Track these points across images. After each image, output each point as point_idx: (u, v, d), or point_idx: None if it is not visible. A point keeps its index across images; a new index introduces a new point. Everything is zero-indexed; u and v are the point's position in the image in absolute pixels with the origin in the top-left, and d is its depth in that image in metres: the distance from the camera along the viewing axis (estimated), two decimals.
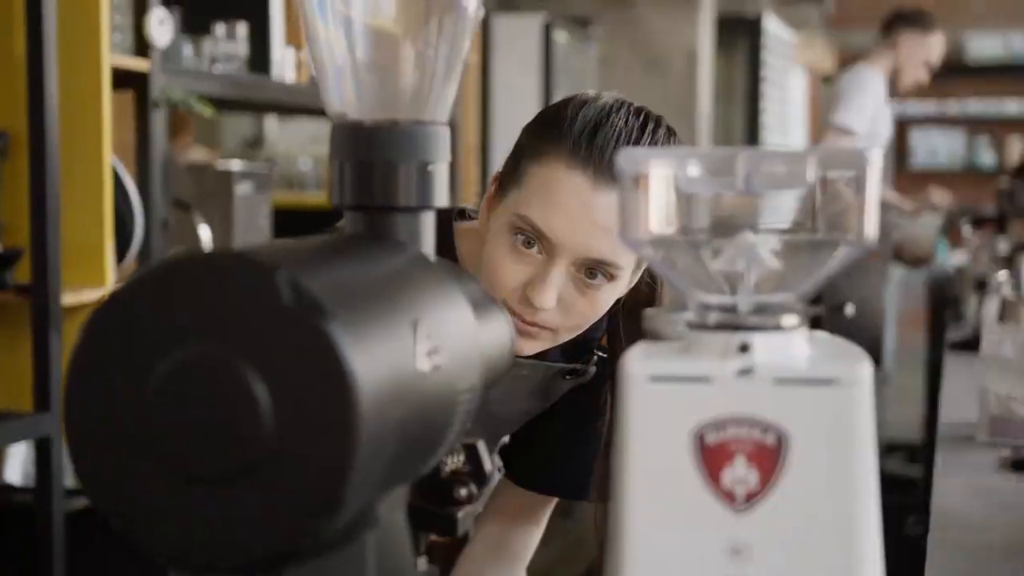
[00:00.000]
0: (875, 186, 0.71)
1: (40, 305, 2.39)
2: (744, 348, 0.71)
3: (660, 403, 0.70)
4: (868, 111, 4.56)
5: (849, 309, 3.15)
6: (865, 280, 4.53)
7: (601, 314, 1.34)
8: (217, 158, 4.07)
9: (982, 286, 3.24)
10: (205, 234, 2.93)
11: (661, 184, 0.73)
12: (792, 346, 0.72)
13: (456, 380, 0.75)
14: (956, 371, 2.67)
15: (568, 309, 1.31)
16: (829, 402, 0.69)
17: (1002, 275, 3.16)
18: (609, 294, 1.32)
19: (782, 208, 0.77)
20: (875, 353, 4.62)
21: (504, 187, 1.34)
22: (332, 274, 0.68)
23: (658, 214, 0.74)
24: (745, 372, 0.70)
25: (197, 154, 4.08)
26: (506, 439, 1.59)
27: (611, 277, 1.30)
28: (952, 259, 9.03)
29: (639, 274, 1.38)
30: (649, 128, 1.31)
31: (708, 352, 0.72)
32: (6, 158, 2.49)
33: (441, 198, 0.85)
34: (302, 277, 0.64)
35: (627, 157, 0.73)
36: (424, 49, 0.86)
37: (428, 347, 0.72)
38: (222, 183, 3.13)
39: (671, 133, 1.35)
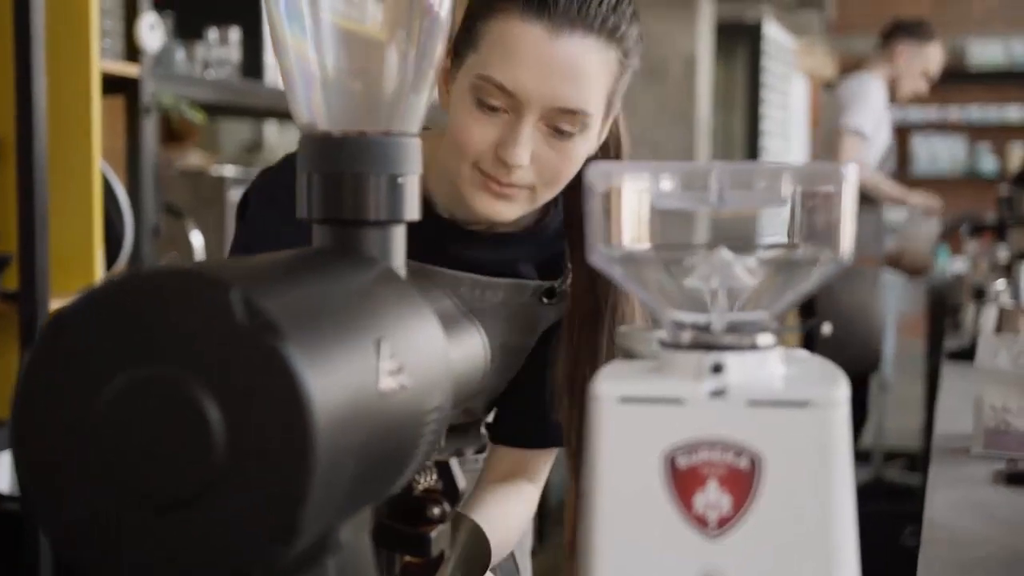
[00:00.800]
0: (851, 203, 0.69)
1: (28, 313, 2.37)
2: (717, 368, 0.69)
3: (630, 425, 0.68)
4: (875, 112, 4.56)
5: (826, 328, 3.14)
6: (859, 285, 4.50)
7: (576, 168, 1.31)
8: (214, 163, 4.05)
9: (980, 295, 3.22)
10: (197, 241, 2.91)
11: (632, 199, 0.71)
12: (767, 366, 0.70)
13: (423, 399, 0.73)
14: (953, 381, 2.65)
15: (542, 165, 1.29)
16: (804, 425, 0.67)
17: (1000, 284, 3.14)
18: (581, 146, 1.30)
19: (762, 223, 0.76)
20: (871, 359, 4.59)
21: (459, 53, 1.31)
22: (290, 292, 0.66)
23: (629, 229, 0.72)
24: (718, 394, 0.68)
25: (195, 158, 4.06)
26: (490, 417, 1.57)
27: (582, 127, 1.27)
28: (952, 266, 9.02)
29: (607, 126, 1.36)
30: None
31: (680, 372, 0.70)
32: None
33: (412, 211, 0.83)
34: (257, 295, 0.61)
35: (596, 172, 0.71)
36: (394, 57, 0.84)
37: (392, 366, 0.70)
38: (215, 189, 3.11)
39: None
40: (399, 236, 0.83)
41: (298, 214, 0.84)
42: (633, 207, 0.71)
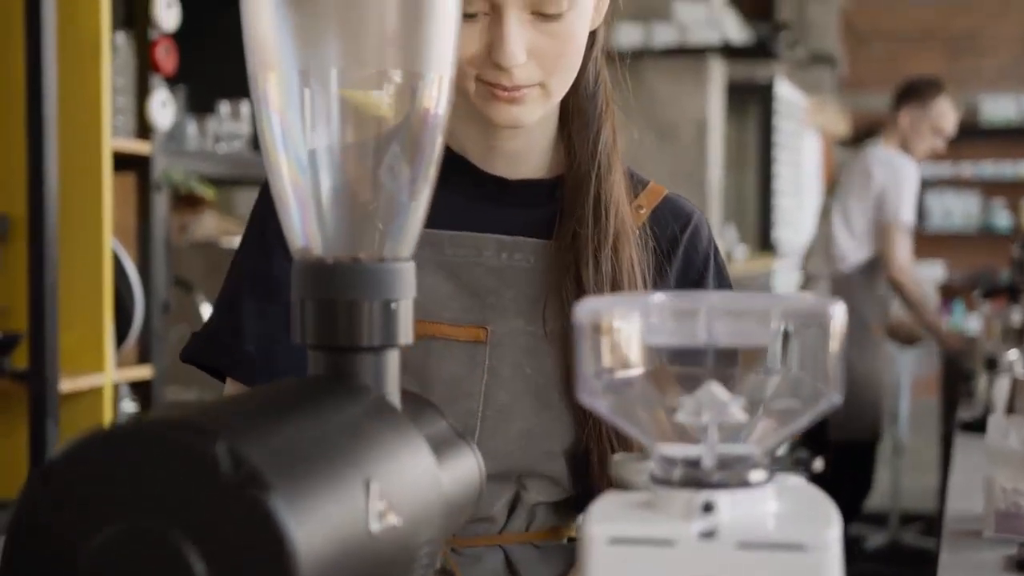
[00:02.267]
0: (839, 341, 0.68)
1: (37, 393, 2.37)
2: (708, 508, 0.68)
3: (621, 567, 0.68)
4: (914, 202, 4.58)
5: (817, 464, 3.09)
6: (866, 353, 4.47)
7: (581, 47, 1.22)
8: (229, 227, 4.07)
9: (993, 365, 3.20)
10: (207, 314, 2.91)
11: (621, 334, 0.71)
12: (759, 503, 0.70)
13: (414, 535, 0.73)
14: (966, 456, 2.63)
15: (543, 56, 1.20)
16: (796, 569, 0.66)
17: (1013, 354, 3.12)
18: (577, 22, 1.21)
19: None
20: (875, 427, 4.55)
21: None
22: (278, 436, 0.66)
23: (617, 364, 0.71)
24: (708, 535, 0.67)
25: (210, 222, 4.07)
26: None
27: (570, 3, 1.18)
28: (967, 323, 8.98)
29: None
30: None
31: (671, 510, 0.69)
32: (5, 242, 2.49)
33: (406, 335, 0.83)
34: (243, 444, 0.61)
35: (584, 309, 0.71)
36: (389, 181, 0.84)
37: (382, 506, 0.69)
38: (226, 261, 3.11)
39: None
40: (393, 361, 0.83)
41: (292, 338, 0.84)
42: (621, 342, 0.71)
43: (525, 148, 1.31)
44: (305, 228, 0.84)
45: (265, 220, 1.31)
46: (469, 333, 1.24)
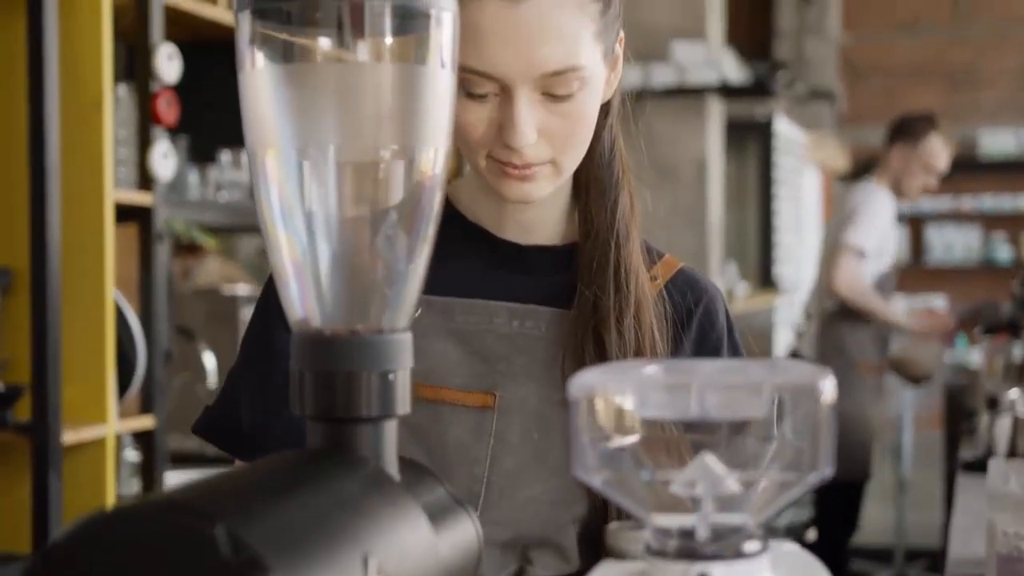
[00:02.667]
0: (829, 415, 0.69)
1: (40, 445, 2.38)
2: None
3: None
4: (878, 231, 4.56)
5: (810, 534, 3.06)
6: (859, 394, 4.47)
7: (592, 124, 1.22)
8: (233, 272, 4.08)
9: (994, 404, 3.20)
10: (210, 362, 2.93)
11: (614, 407, 0.72)
12: (754, 574, 0.70)
13: None
14: (968, 498, 2.63)
15: (553, 135, 1.20)
16: None
17: (1014, 393, 3.13)
18: (587, 101, 1.20)
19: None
20: (863, 468, 4.53)
21: None
22: (275, 516, 0.66)
23: (612, 438, 0.72)
24: None
25: (212, 266, 4.09)
26: None
27: (580, 83, 1.18)
28: (970, 356, 8.97)
29: (617, 70, 1.27)
30: None
31: None
32: (8, 295, 2.50)
33: (404, 405, 0.84)
34: (241, 526, 0.62)
35: (578, 383, 0.72)
36: (384, 255, 0.85)
37: None
38: (228, 308, 3.13)
39: None
40: (391, 431, 0.84)
41: (291, 410, 0.85)
42: (615, 415, 0.72)
43: (538, 218, 1.32)
44: (303, 300, 0.85)
45: (268, 296, 1.33)
46: (477, 399, 1.24)
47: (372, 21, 0.81)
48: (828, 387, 0.70)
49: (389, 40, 0.82)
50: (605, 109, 1.28)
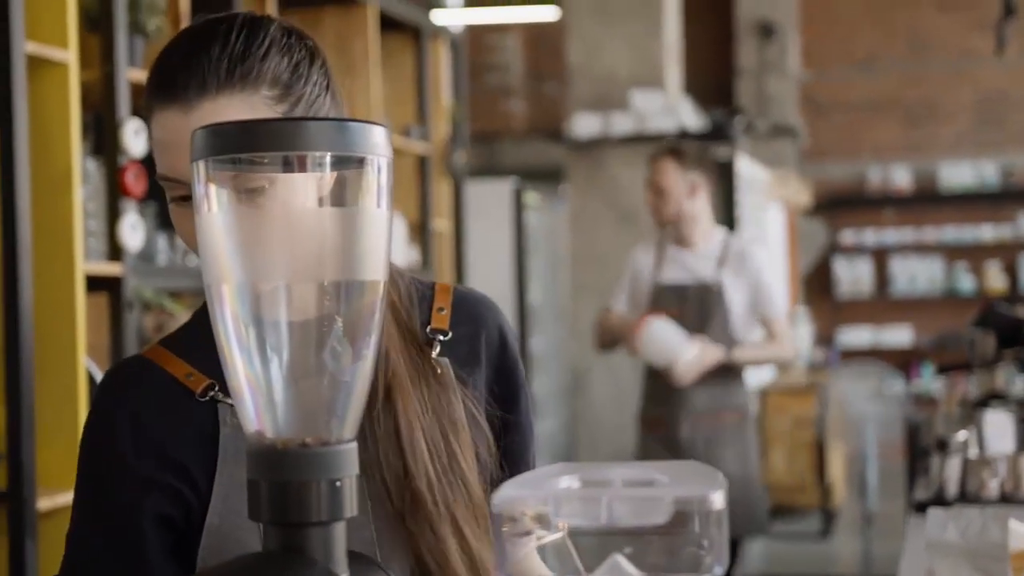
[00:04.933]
0: (720, 522, 0.79)
1: (16, 513, 2.45)
2: None
3: None
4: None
5: None
6: (734, 446, 4.23)
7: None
8: None
9: (943, 446, 3.29)
10: None
11: (533, 519, 0.81)
12: None
13: None
14: (917, 541, 2.70)
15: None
16: None
17: (962, 435, 3.22)
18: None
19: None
20: (756, 522, 4.26)
21: None
22: None
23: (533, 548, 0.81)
24: None
25: (185, 320, 4.14)
26: None
27: (268, 181, 1.15)
28: (932, 385, 9.08)
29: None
30: (220, 29, 1.22)
31: None
32: None
33: (351, 508, 0.93)
34: None
35: (501, 501, 0.81)
36: (330, 374, 0.94)
37: None
38: None
39: (282, 35, 1.23)
40: (339, 532, 0.93)
41: (248, 516, 0.94)
42: (537, 525, 0.81)
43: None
44: (257, 415, 0.94)
45: (98, 446, 1.28)
46: None
47: (313, 168, 0.90)
48: (719, 497, 0.79)
49: (329, 185, 0.91)
50: None
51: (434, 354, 1.30)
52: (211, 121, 1.13)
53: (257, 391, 0.93)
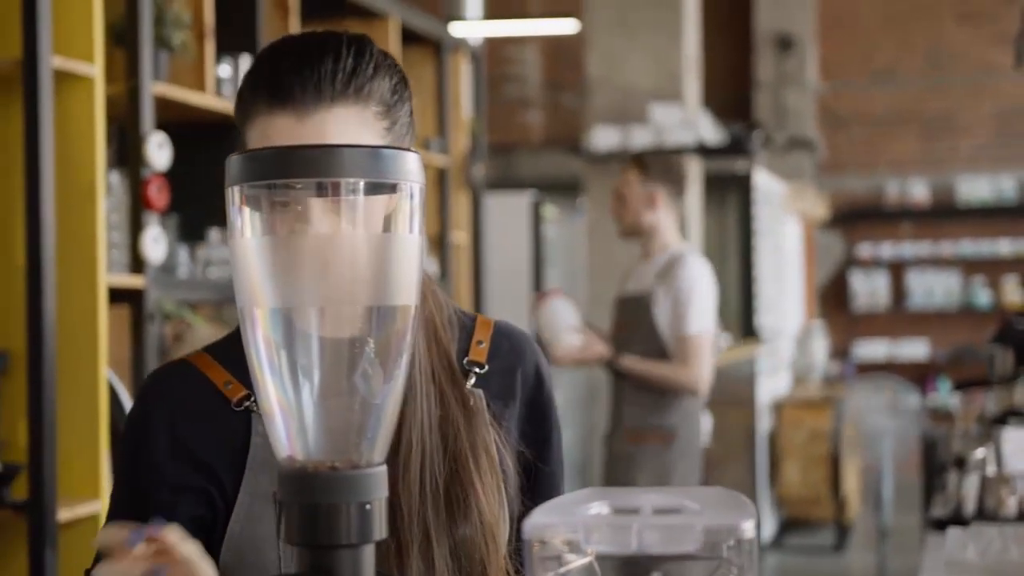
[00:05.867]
0: (751, 551, 0.79)
1: (37, 523, 2.46)
2: None
3: None
4: None
5: None
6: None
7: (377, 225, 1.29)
8: (222, 335, 4.15)
9: (961, 463, 3.28)
10: None
11: (563, 544, 0.82)
12: None
13: None
14: (934, 558, 2.70)
15: None
16: None
17: (980, 453, 3.21)
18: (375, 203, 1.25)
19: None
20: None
21: None
22: None
23: (563, 572, 0.82)
24: None
25: (203, 331, 4.16)
26: None
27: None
28: (949, 400, 9.04)
29: None
30: (330, 42, 1.26)
31: None
32: (5, 376, 2.59)
33: (380, 531, 0.94)
34: None
35: (532, 527, 0.82)
36: (361, 398, 0.95)
37: None
38: None
39: (378, 56, 1.28)
40: (368, 555, 0.94)
41: (278, 538, 0.95)
42: (567, 551, 0.82)
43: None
44: (288, 438, 0.95)
45: (132, 455, 1.31)
46: None
47: (347, 194, 0.91)
48: (750, 526, 0.80)
49: (363, 211, 0.92)
50: None
51: (468, 385, 1.33)
52: (326, 129, 1.22)
53: (288, 414, 0.94)
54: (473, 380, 1.33)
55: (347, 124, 1.23)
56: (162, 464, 1.27)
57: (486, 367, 1.35)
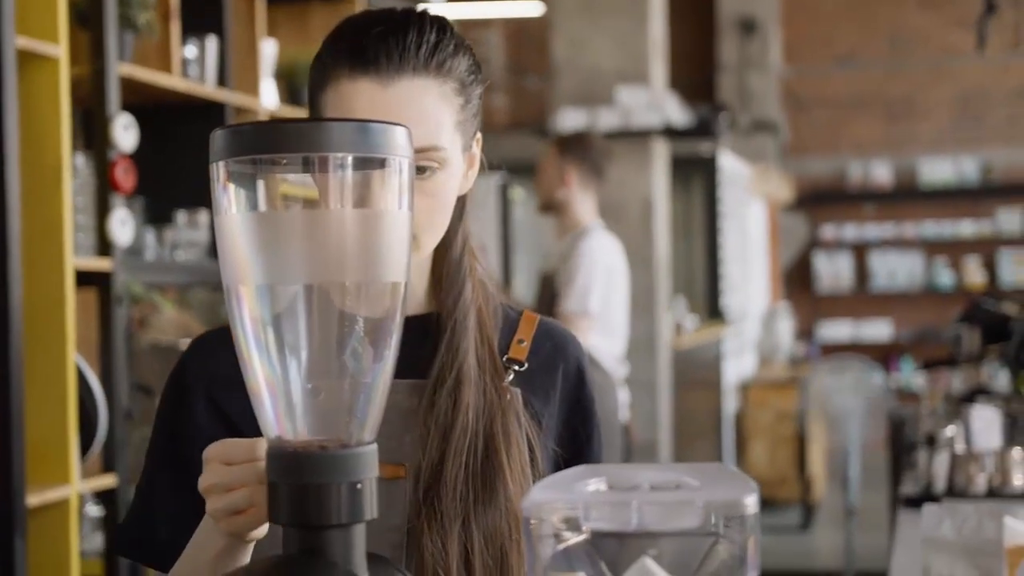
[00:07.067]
0: (754, 527, 0.78)
1: (5, 509, 2.43)
2: None
3: None
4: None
5: None
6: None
7: (449, 205, 1.30)
8: (188, 321, 4.12)
9: (932, 441, 3.31)
10: None
11: (561, 521, 0.81)
12: None
13: None
14: (908, 535, 2.72)
15: (414, 210, 1.22)
16: None
17: (950, 430, 3.24)
18: (447, 183, 1.28)
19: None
20: None
21: None
22: None
23: (561, 549, 0.81)
24: None
25: (168, 316, 4.12)
26: None
27: (440, 163, 1.26)
28: (913, 379, 9.10)
29: (474, 167, 1.36)
30: (413, 17, 1.30)
31: None
32: None
33: (371, 510, 0.93)
34: None
35: (531, 504, 0.80)
36: (351, 378, 0.94)
37: None
38: None
39: (456, 38, 1.32)
40: (359, 535, 0.93)
41: (269, 519, 0.93)
42: (564, 530, 0.81)
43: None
44: (277, 419, 0.94)
45: (168, 403, 1.34)
46: (388, 471, 1.26)
47: (335, 170, 0.90)
48: (752, 501, 0.79)
49: (350, 187, 0.91)
50: (462, 203, 1.36)
51: (507, 381, 1.33)
52: (408, 99, 1.25)
53: (276, 393, 0.93)
54: (511, 377, 1.34)
55: (428, 95, 1.26)
56: (200, 426, 1.28)
57: (525, 365, 1.36)
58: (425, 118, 1.26)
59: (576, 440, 1.39)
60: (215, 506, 1.05)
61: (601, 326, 3.99)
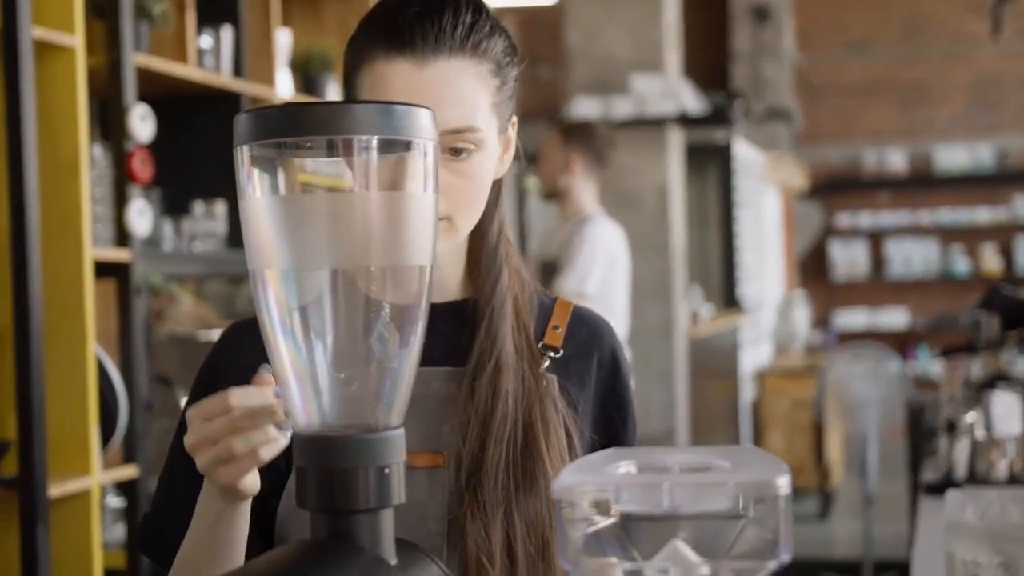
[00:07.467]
0: (786, 509, 0.78)
1: (27, 500, 2.44)
2: None
3: None
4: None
5: None
6: None
7: (486, 187, 1.29)
8: (206, 313, 4.13)
9: (952, 427, 3.29)
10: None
11: (592, 505, 0.80)
12: None
13: None
14: (930, 522, 2.72)
15: (449, 191, 1.24)
16: None
17: (971, 416, 3.22)
18: (483, 164, 1.28)
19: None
20: None
21: None
22: None
23: (592, 532, 0.81)
24: None
25: (186, 307, 4.13)
26: None
27: (476, 144, 1.26)
28: (931, 367, 9.07)
29: (510, 149, 1.35)
30: (450, 0, 1.28)
31: None
32: None
33: (399, 495, 0.92)
34: None
35: (561, 487, 0.80)
36: (377, 361, 0.93)
37: None
38: (204, 353, 3.18)
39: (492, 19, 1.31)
40: (387, 519, 0.92)
41: (296, 504, 0.93)
42: (595, 512, 0.80)
43: (437, 277, 1.30)
44: (304, 403, 0.93)
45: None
46: (427, 460, 1.27)
47: (359, 153, 0.89)
48: (784, 482, 0.78)
49: (375, 170, 0.90)
50: (497, 188, 1.36)
51: (542, 368, 1.33)
52: (444, 79, 1.25)
53: (303, 378, 0.93)
54: (547, 364, 1.34)
55: (464, 75, 1.26)
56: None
57: (560, 352, 1.35)
58: (461, 99, 1.25)
59: (611, 426, 1.38)
60: (201, 462, 1.08)
61: (602, 309, 3.98)
